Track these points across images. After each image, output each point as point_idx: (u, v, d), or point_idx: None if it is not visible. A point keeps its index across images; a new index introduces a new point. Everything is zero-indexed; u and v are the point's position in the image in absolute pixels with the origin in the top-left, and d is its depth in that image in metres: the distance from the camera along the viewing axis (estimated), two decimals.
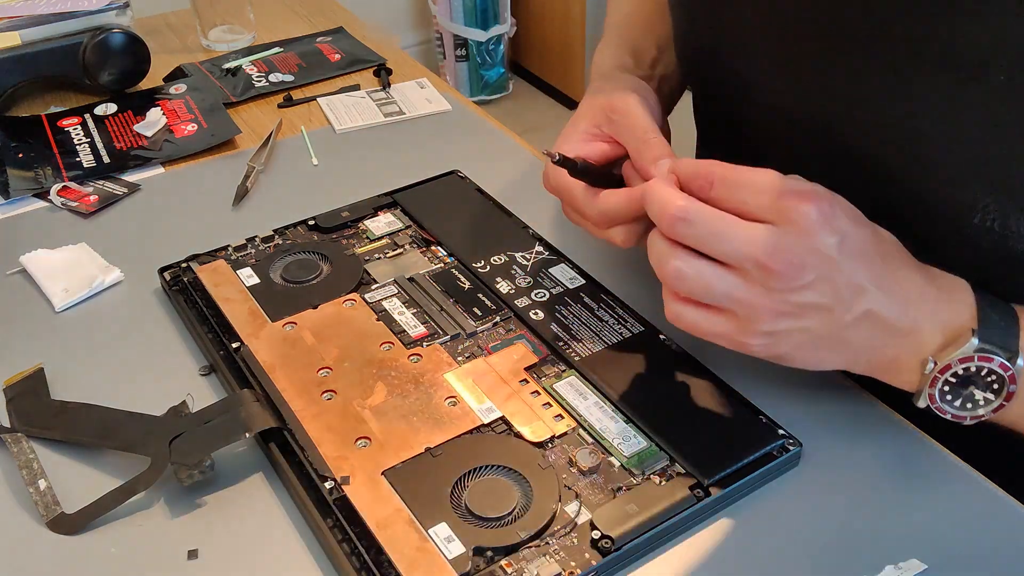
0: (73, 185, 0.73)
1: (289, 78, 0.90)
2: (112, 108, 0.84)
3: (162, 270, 0.61)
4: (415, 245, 0.63)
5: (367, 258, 0.62)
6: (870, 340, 0.45)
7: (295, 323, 0.56)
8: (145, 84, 0.89)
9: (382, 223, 0.66)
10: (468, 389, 0.51)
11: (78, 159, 0.77)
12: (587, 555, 0.43)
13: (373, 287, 0.59)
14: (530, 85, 2.65)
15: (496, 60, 2.50)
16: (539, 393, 0.51)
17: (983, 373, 0.44)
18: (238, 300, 0.58)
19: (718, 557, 0.44)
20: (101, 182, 0.74)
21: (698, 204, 0.44)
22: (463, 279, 0.60)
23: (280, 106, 0.86)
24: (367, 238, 0.64)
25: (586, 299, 0.58)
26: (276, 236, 0.64)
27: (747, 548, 0.45)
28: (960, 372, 0.44)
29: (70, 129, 0.81)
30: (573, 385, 0.52)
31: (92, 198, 0.72)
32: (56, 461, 0.50)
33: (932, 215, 0.49)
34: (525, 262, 0.61)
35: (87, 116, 0.83)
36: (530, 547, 0.43)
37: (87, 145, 0.79)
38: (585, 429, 0.49)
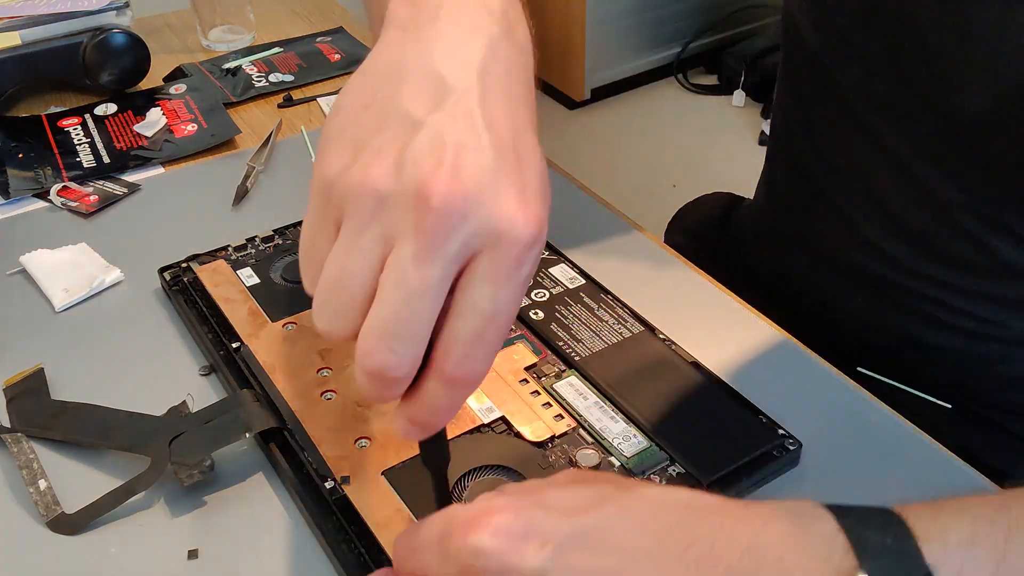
0: (73, 185, 0.73)
1: (289, 78, 0.90)
2: (112, 108, 0.84)
3: (162, 270, 0.61)
4: None
5: None
6: None
7: (295, 323, 0.56)
8: (145, 84, 0.89)
9: None
10: None
11: (78, 159, 0.77)
12: None
13: None
14: None
15: None
16: (539, 393, 0.51)
17: None
18: (238, 300, 0.58)
19: None
20: (101, 182, 0.74)
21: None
22: None
23: (280, 106, 0.86)
24: None
25: (586, 299, 0.58)
26: (276, 236, 0.64)
27: None
28: None
29: (70, 129, 0.81)
30: (573, 385, 0.52)
31: (92, 198, 0.72)
32: (56, 461, 0.50)
33: None
34: None
35: (87, 116, 0.83)
36: None
37: (87, 145, 0.79)
38: (585, 429, 0.49)
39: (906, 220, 0.61)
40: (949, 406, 0.63)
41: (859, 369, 0.63)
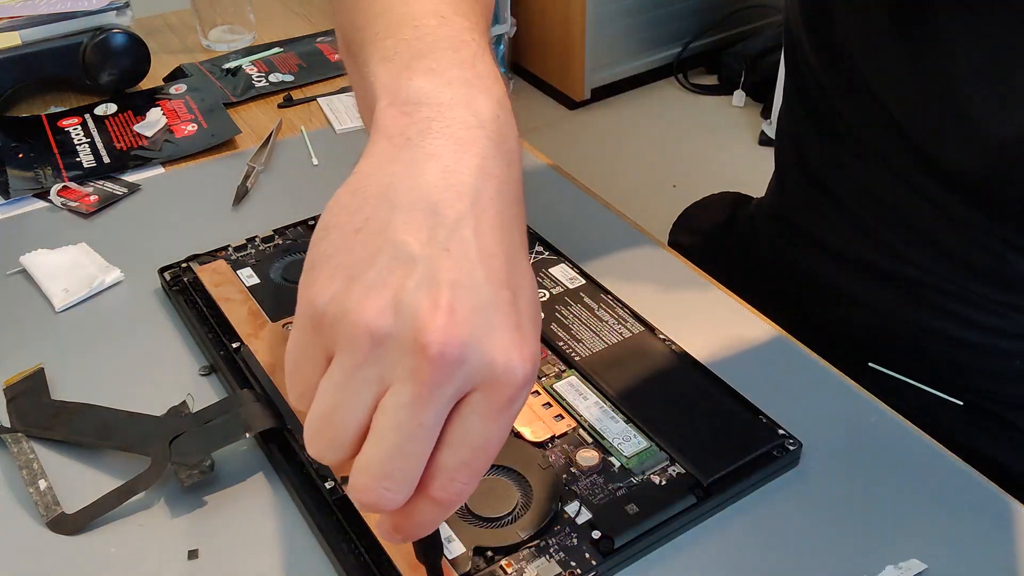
0: (73, 185, 0.73)
1: (289, 78, 0.90)
2: (112, 108, 0.84)
3: (162, 270, 0.61)
4: None
5: None
6: None
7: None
8: (145, 84, 0.89)
9: None
10: None
11: (78, 159, 0.77)
12: (587, 555, 0.43)
13: None
14: (530, 85, 2.64)
15: (496, 60, 2.50)
16: (539, 393, 0.51)
17: None
18: (238, 300, 0.58)
19: (718, 557, 0.44)
20: (101, 182, 0.74)
21: None
22: None
23: (280, 106, 0.86)
24: None
25: (586, 299, 0.58)
26: (276, 236, 0.64)
27: (747, 548, 0.45)
28: None
29: (70, 129, 0.81)
30: (573, 385, 0.52)
31: (92, 198, 0.72)
32: (56, 461, 0.50)
33: None
34: None
35: (87, 116, 0.83)
36: (530, 547, 0.43)
37: (87, 145, 0.79)
38: (585, 429, 0.49)
39: (925, 231, 0.61)
40: (960, 403, 0.63)
41: (870, 364, 0.63)
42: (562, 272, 0.60)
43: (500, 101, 0.36)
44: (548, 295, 0.58)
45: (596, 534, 0.43)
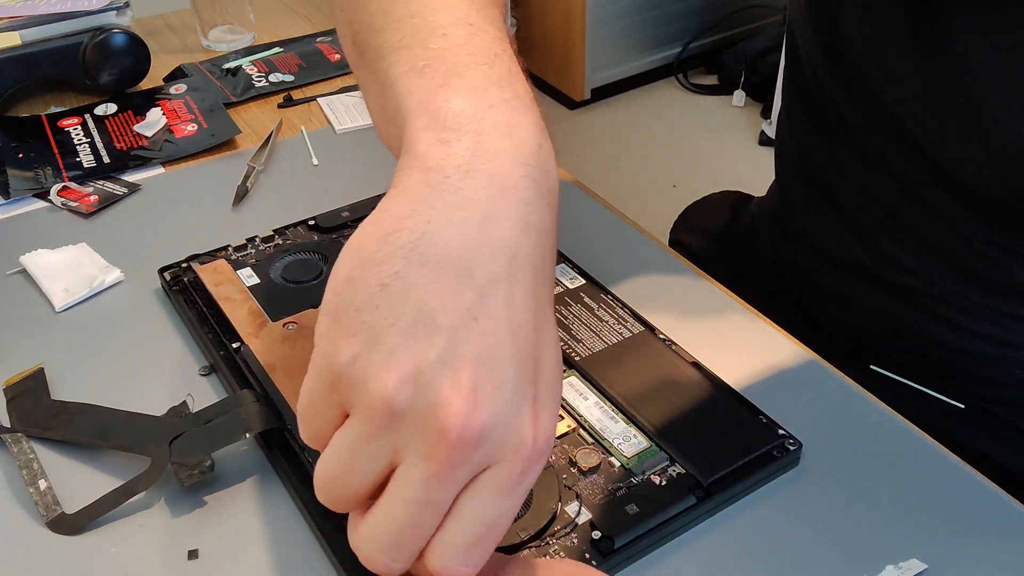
0: (73, 185, 0.73)
1: (289, 78, 0.90)
2: (112, 108, 0.84)
3: (162, 270, 0.61)
4: None
5: None
6: None
7: (295, 323, 0.56)
8: (145, 84, 0.89)
9: None
10: None
11: (78, 159, 0.77)
12: (587, 555, 0.43)
13: None
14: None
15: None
16: None
17: None
18: (238, 300, 0.58)
19: (718, 557, 0.44)
20: (101, 182, 0.74)
21: None
22: None
23: (280, 106, 0.86)
24: None
25: (586, 299, 0.58)
26: (276, 236, 0.64)
27: (747, 548, 0.45)
28: None
29: (70, 129, 0.81)
30: (573, 385, 0.52)
31: (92, 198, 0.72)
32: (56, 461, 0.50)
33: None
34: None
35: (87, 116, 0.83)
36: (530, 547, 0.43)
37: (87, 145, 0.79)
38: (585, 429, 0.49)
39: (925, 238, 0.61)
40: (962, 406, 0.63)
41: (872, 367, 0.63)
42: (562, 272, 0.60)
43: (540, 126, 0.35)
44: None
45: (596, 534, 0.43)
